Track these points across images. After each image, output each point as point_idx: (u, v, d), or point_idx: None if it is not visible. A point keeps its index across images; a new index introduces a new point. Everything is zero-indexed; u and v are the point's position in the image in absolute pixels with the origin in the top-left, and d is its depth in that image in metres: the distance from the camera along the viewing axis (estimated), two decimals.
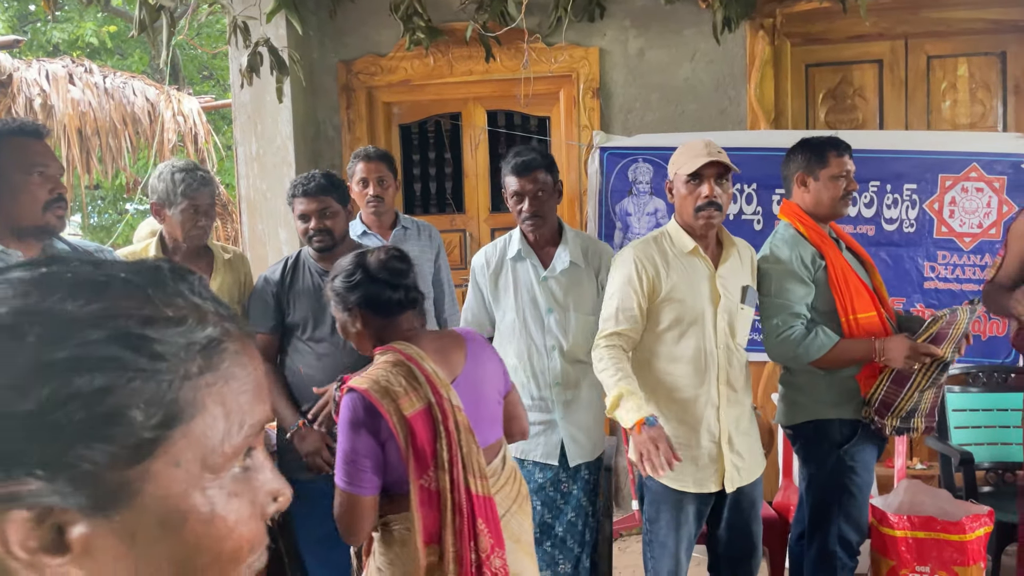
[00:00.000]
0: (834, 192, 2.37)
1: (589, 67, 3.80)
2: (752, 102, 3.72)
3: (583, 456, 2.46)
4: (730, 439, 2.22)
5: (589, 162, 3.76)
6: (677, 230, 2.25)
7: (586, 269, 2.49)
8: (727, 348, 2.23)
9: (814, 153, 2.41)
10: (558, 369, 2.44)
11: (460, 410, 1.60)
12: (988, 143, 3.65)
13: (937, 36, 3.81)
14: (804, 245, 2.35)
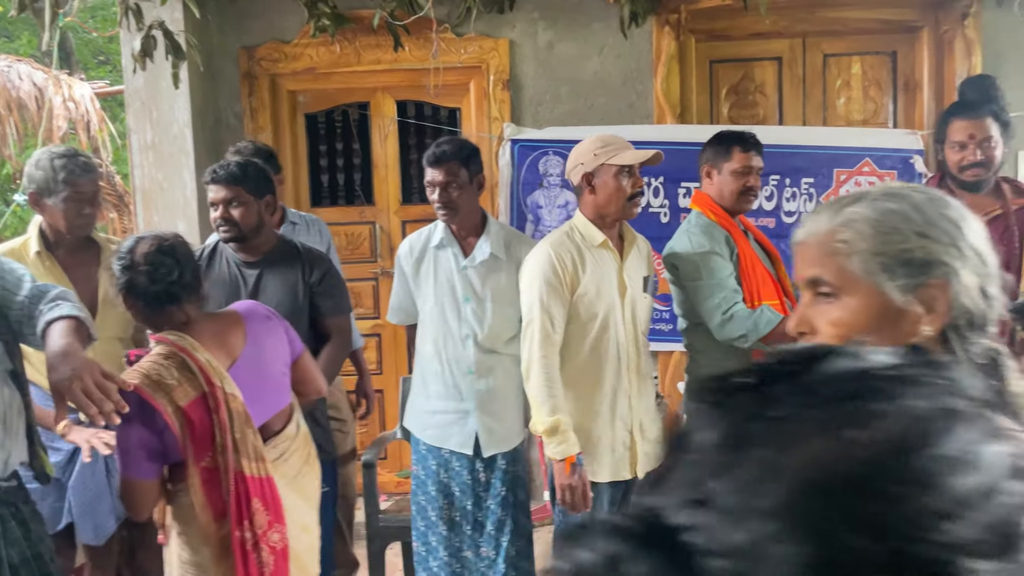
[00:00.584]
0: (733, 186, 2.43)
1: (499, 59, 3.79)
2: (659, 96, 3.79)
3: (497, 446, 2.47)
4: (642, 426, 2.28)
5: (500, 154, 3.76)
6: (585, 224, 2.26)
7: (507, 261, 2.49)
8: (635, 338, 2.29)
9: (720, 146, 2.48)
10: (472, 358, 2.44)
11: (235, 397, 1.70)
12: (880, 139, 3.82)
13: (833, 35, 3.96)
14: (718, 230, 2.41)
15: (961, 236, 0.87)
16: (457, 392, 2.46)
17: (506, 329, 2.44)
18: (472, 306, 2.44)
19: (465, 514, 2.45)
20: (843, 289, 0.89)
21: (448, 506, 2.46)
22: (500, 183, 3.75)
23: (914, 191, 0.91)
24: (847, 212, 0.90)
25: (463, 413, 2.45)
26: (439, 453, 2.48)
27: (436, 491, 2.48)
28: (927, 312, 0.87)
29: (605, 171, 2.22)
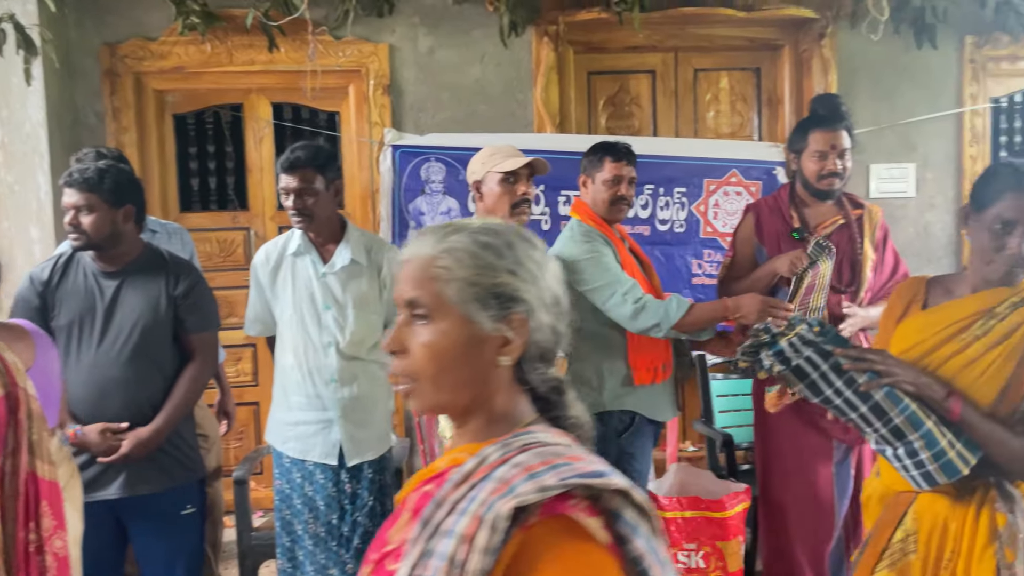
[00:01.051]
0: (605, 195, 2.50)
1: (379, 63, 3.74)
2: (539, 106, 3.84)
3: (362, 455, 2.43)
4: None
5: (381, 160, 3.71)
6: None
7: (368, 267, 2.46)
8: None
9: (594, 156, 2.55)
10: (334, 366, 2.39)
11: (35, 399, 1.67)
12: (746, 151, 4.02)
13: (702, 51, 4.14)
14: (598, 235, 2.49)
15: (542, 277, 0.96)
16: (319, 402, 2.41)
17: (369, 336, 2.41)
18: (333, 313, 2.40)
19: (331, 529, 2.40)
20: (437, 313, 0.92)
21: (313, 520, 2.40)
22: (381, 189, 3.71)
23: (509, 231, 0.97)
24: (451, 240, 0.94)
25: (326, 423, 2.40)
26: (303, 465, 2.42)
27: (301, 505, 2.41)
28: (509, 343, 0.93)
29: (491, 179, 2.27)
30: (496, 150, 2.29)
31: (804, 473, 2.52)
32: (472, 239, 0.94)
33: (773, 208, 2.63)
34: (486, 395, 0.94)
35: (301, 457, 2.43)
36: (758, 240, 2.61)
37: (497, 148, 2.31)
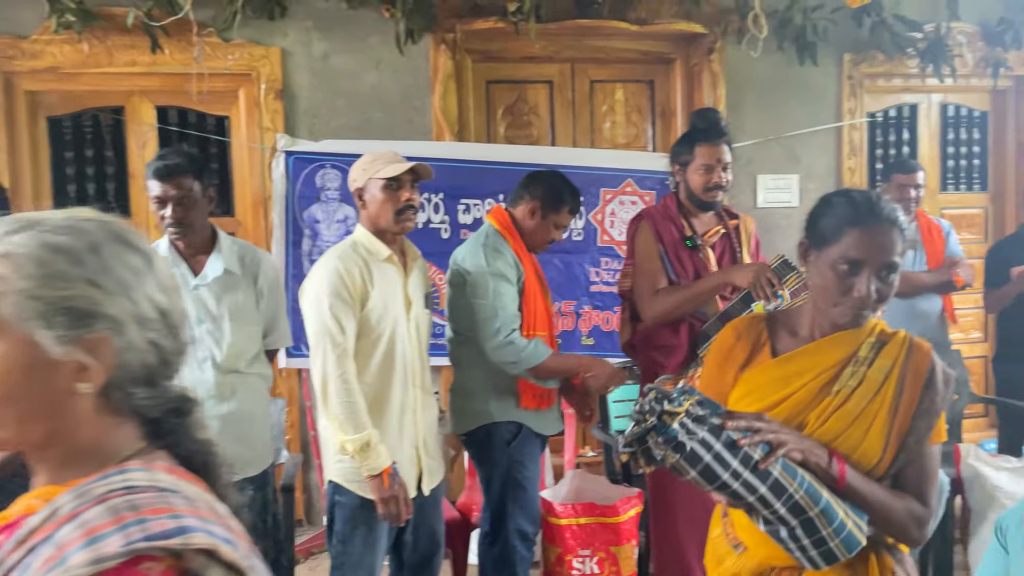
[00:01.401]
0: (544, 235, 2.58)
1: (271, 67, 3.64)
2: (437, 114, 3.82)
3: (244, 471, 2.34)
4: (425, 442, 2.27)
5: (273, 166, 3.61)
6: (369, 238, 2.23)
7: (243, 276, 2.38)
8: (420, 353, 2.28)
9: (556, 200, 2.56)
10: (211, 382, 2.29)
11: None
12: (640, 162, 4.11)
13: (598, 63, 4.21)
14: (510, 252, 2.49)
15: (139, 287, 0.81)
16: None
17: (248, 348, 2.33)
18: (208, 327, 2.30)
19: None
20: None
21: None
22: (274, 196, 3.60)
23: (100, 230, 0.81)
24: (12, 242, 0.77)
25: None
26: None
27: None
28: (86, 368, 0.77)
29: (373, 185, 2.21)
30: (377, 156, 2.25)
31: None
32: (41, 241, 0.77)
33: (664, 216, 2.68)
34: (65, 429, 0.78)
35: None
36: (661, 248, 2.64)
37: (379, 154, 2.26)
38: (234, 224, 3.77)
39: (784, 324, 1.57)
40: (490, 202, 3.85)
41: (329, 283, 2.11)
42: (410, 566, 2.35)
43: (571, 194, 2.59)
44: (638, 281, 2.64)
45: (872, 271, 1.40)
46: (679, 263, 2.62)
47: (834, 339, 1.48)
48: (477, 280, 2.42)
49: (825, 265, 1.43)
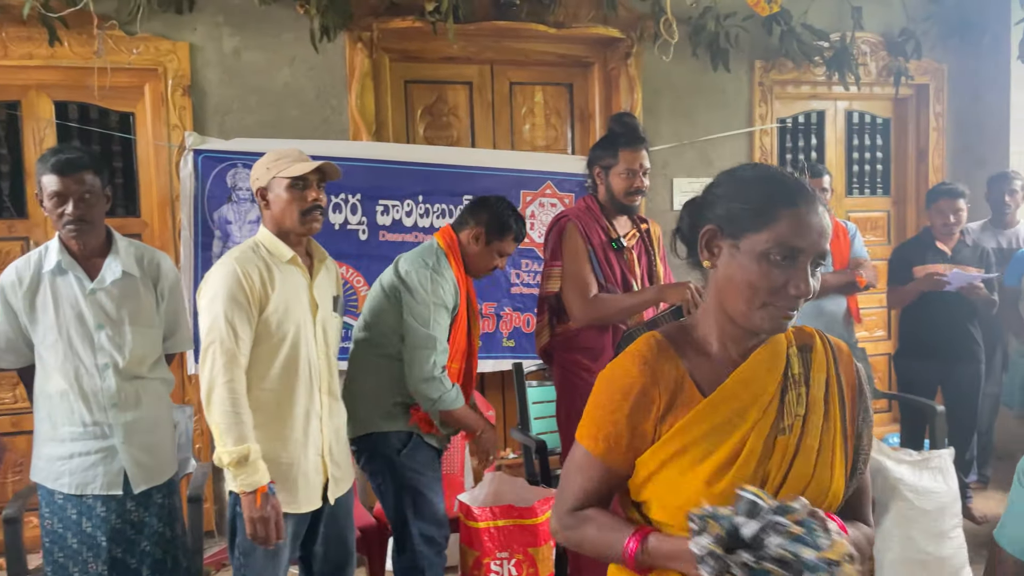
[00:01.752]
0: (487, 262, 2.57)
1: (178, 62, 3.51)
2: (354, 113, 3.75)
3: (150, 480, 2.25)
4: (331, 449, 2.20)
5: (181, 165, 3.48)
6: (272, 239, 2.15)
7: (142, 279, 2.28)
8: (327, 358, 2.21)
9: (500, 225, 2.54)
10: (113, 389, 2.19)
11: None
12: (560, 164, 4.13)
13: (518, 65, 4.21)
14: (452, 280, 2.47)
15: None
16: (99, 429, 2.19)
17: (150, 352, 2.24)
18: (107, 332, 2.19)
19: (115, 564, 2.20)
20: None
21: (94, 559, 2.19)
22: (182, 196, 3.47)
23: None
24: None
25: (108, 451, 2.20)
26: (80, 502, 2.19)
27: (78, 544, 2.19)
28: None
29: (277, 185, 2.12)
30: (282, 154, 2.16)
31: None
32: None
33: (589, 218, 2.68)
34: None
35: (78, 492, 2.20)
36: (590, 249, 2.63)
37: (283, 152, 2.17)
38: (140, 225, 3.62)
39: (689, 343, 1.26)
40: (409, 203, 3.81)
41: (225, 286, 2.02)
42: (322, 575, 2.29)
43: (516, 221, 2.57)
44: (570, 284, 2.62)
45: (810, 261, 1.15)
46: (607, 265, 2.63)
47: (760, 357, 1.22)
48: (419, 301, 2.39)
49: (749, 256, 1.16)
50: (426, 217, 3.84)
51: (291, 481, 2.09)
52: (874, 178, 4.97)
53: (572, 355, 2.67)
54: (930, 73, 4.77)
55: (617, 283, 2.64)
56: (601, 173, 2.69)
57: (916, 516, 3.03)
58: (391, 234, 3.78)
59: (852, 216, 4.78)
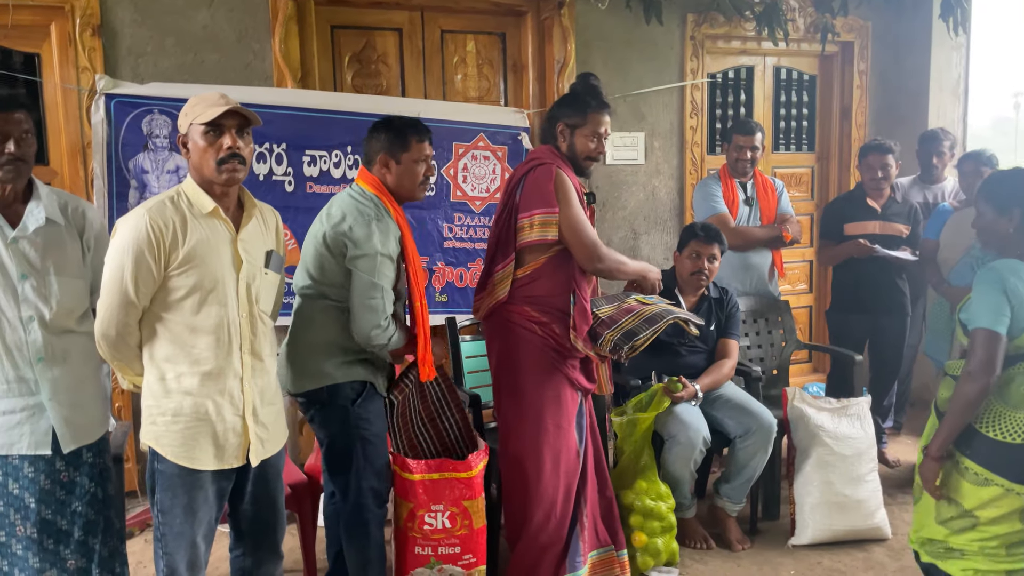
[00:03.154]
0: (412, 179, 2.45)
1: (86, 0, 3.29)
2: (278, 59, 3.60)
3: (81, 439, 2.16)
4: (255, 411, 2.12)
5: (93, 111, 3.28)
6: (194, 189, 2.04)
7: (67, 227, 2.15)
8: (250, 316, 2.11)
9: (396, 136, 2.43)
10: (39, 343, 2.07)
11: None
12: (493, 116, 4.07)
13: (449, 12, 4.10)
14: (392, 226, 2.39)
15: None
16: (24, 386, 2.09)
17: (77, 305, 2.13)
18: (32, 283, 2.07)
19: (45, 526, 2.11)
20: None
21: (22, 522, 2.09)
22: (94, 143, 3.28)
23: None
24: None
25: (34, 409, 2.09)
26: (6, 461, 2.09)
27: (5, 506, 2.09)
28: None
29: (194, 131, 2.02)
30: (200, 99, 2.04)
31: (562, 426, 2.65)
32: None
33: (568, 168, 2.66)
34: None
35: (4, 452, 2.09)
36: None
37: (202, 97, 2.05)
38: (49, 174, 3.42)
39: None
40: (337, 154, 3.69)
41: (134, 238, 1.95)
42: (250, 535, 2.24)
43: (412, 125, 2.47)
44: (582, 229, 2.58)
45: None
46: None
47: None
48: (366, 253, 2.33)
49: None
50: (355, 168, 3.73)
51: (204, 437, 2.04)
52: (799, 134, 5.06)
53: (521, 307, 2.64)
54: (855, 31, 4.86)
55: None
56: (565, 131, 2.65)
57: (835, 461, 3.16)
58: (319, 185, 3.67)
59: (778, 172, 4.87)
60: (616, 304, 2.70)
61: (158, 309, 2.02)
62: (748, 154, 3.73)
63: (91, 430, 2.20)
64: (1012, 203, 2.22)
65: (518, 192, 2.64)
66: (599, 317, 2.65)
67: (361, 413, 2.43)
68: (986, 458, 2.16)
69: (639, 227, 4.43)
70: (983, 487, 2.17)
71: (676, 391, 3.10)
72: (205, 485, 2.06)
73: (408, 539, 2.55)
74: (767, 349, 3.84)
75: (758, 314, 3.84)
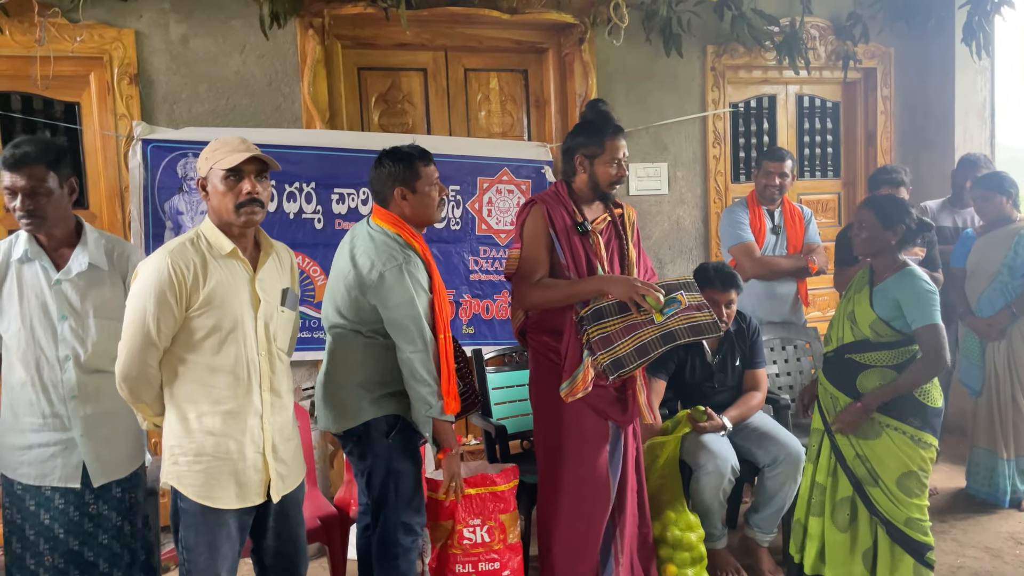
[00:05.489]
0: (427, 206, 2.50)
1: (124, 50, 3.43)
2: (307, 101, 3.71)
3: (110, 475, 2.25)
4: (274, 447, 2.15)
5: (130, 155, 3.41)
6: (213, 231, 2.10)
7: (110, 272, 2.26)
8: (269, 354, 2.15)
9: (406, 167, 2.47)
10: (73, 381, 2.17)
11: None
12: (516, 151, 4.14)
13: (472, 51, 4.20)
14: (421, 264, 2.44)
15: None
16: (58, 422, 2.18)
17: (113, 346, 2.20)
18: (71, 324, 2.17)
19: (72, 557, 2.18)
20: None
21: (50, 551, 2.17)
22: (131, 187, 3.41)
23: None
24: None
25: (66, 444, 2.18)
26: (39, 492, 2.18)
27: (35, 535, 2.17)
28: None
29: (214, 176, 2.08)
30: (221, 144, 2.11)
31: (583, 454, 2.64)
32: None
33: (556, 202, 2.69)
34: None
35: (37, 483, 2.19)
36: (553, 233, 2.64)
37: (224, 142, 2.12)
38: (89, 217, 3.55)
39: None
40: (364, 191, 3.78)
41: (157, 280, 2.00)
42: (274, 570, 2.28)
43: (416, 154, 2.51)
44: (521, 266, 2.66)
45: None
46: (570, 248, 2.65)
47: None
48: (402, 301, 2.37)
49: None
50: None
51: (226, 476, 2.07)
52: (825, 161, 5.06)
53: (541, 337, 2.69)
54: (877, 57, 4.87)
55: (582, 266, 2.66)
56: (584, 161, 2.68)
57: None
58: (347, 222, 3.76)
59: (804, 199, 4.87)
60: (642, 312, 2.56)
61: (179, 350, 2.06)
62: (777, 180, 3.74)
63: (121, 466, 2.28)
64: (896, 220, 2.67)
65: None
66: (602, 333, 2.54)
67: (395, 446, 2.46)
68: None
69: (664, 256, 4.44)
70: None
71: (701, 420, 3.09)
72: (227, 523, 2.10)
73: (449, 557, 2.60)
74: (796, 376, 3.81)
75: (786, 341, 3.82)
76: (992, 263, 3.70)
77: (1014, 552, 3.31)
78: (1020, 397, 3.67)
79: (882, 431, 2.56)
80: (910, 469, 2.54)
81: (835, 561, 2.59)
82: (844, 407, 2.71)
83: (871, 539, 2.57)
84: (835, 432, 2.72)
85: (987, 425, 3.74)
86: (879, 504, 2.54)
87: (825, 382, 2.74)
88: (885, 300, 2.64)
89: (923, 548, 2.53)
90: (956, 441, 4.40)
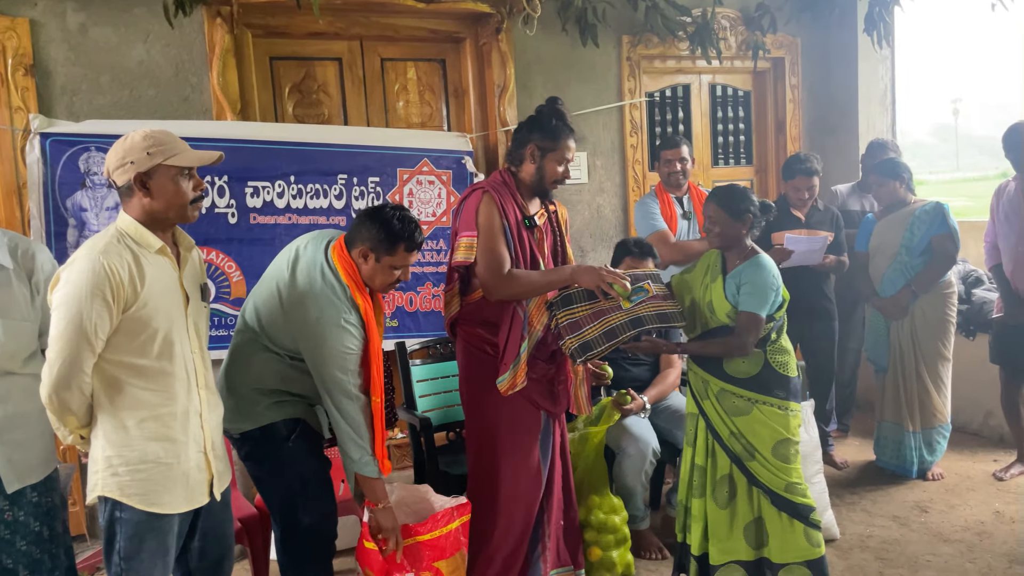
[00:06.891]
0: (384, 278, 2.38)
1: (18, 40, 3.26)
2: (216, 91, 3.60)
3: (24, 479, 2.14)
4: (213, 445, 2.10)
5: (27, 150, 3.25)
6: (138, 228, 1.98)
7: (15, 270, 2.14)
8: (200, 351, 2.09)
9: (390, 240, 2.33)
10: None
11: None
12: (436, 141, 4.11)
13: (388, 40, 4.15)
14: (359, 322, 2.35)
15: None
16: None
17: (23, 347, 2.10)
18: None
19: None
20: None
21: None
22: (29, 183, 3.24)
23: None
24: None
25: None
26: None
27: None
28: None
29: (162, 172, 1.95)
30: (161, 139, 1.98)
31: (519, 446, 2.66)
32: None
33: (506, 193, 2.66)
34: None
35: None
36: (505, 224, 2.61)
37: (160, 137, 1.99)
38: None
39: None
40: (280, 184, 3.69)
41: (92, 281, 1.87)
42: (199, 572, 2.21)
43: (407, 230, 2.36)
44: (486, 258, 2.58)
45: None
46: (519, 242, 2.63)
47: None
48: (324, 322, 2.29)
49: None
50: (299, 198, 3.74)
51: (172, 481, 1.99)
52: (737, 149, 5.20)
53: (474, 329, 2.68)
54: (785, 47, 5.02)
55: (526, 261, 2.65)
56: (536, 153, 2.65)
57: None
58: (263, 216, 3.67)
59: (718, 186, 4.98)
60: (608, 299, 2.58)
61: (115, 354, 1.94)
62: (678, 166, 3.83)
63: (36, 469, 2.18)
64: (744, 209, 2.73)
65: (458, 216, 2.68)
66: (571, 318, 2.55)
67: (296, 451, 2.40)
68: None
69: (586, 245, 4.49)
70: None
71: (625, 404, 3.14)
72: (172, 528, 2.03)
73: None
74: None
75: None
76: (891, 245, 3.87)
77: (919, 520, 3.48)
78: (924, 372, 3.86)
79: (752, 407, 2.63)
80: (783, 437, 2.62)
81: (718, 536, 2.67)
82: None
83: (751, 514, 2.66)
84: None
85: (894, 400, 3.92)
86: (760, 476, 2.63)
87: (695, 367, 2.78)
88: (736, 287, 2.68)
89: (806, 510, 2.63)
90: (865, 416, 4.60)
